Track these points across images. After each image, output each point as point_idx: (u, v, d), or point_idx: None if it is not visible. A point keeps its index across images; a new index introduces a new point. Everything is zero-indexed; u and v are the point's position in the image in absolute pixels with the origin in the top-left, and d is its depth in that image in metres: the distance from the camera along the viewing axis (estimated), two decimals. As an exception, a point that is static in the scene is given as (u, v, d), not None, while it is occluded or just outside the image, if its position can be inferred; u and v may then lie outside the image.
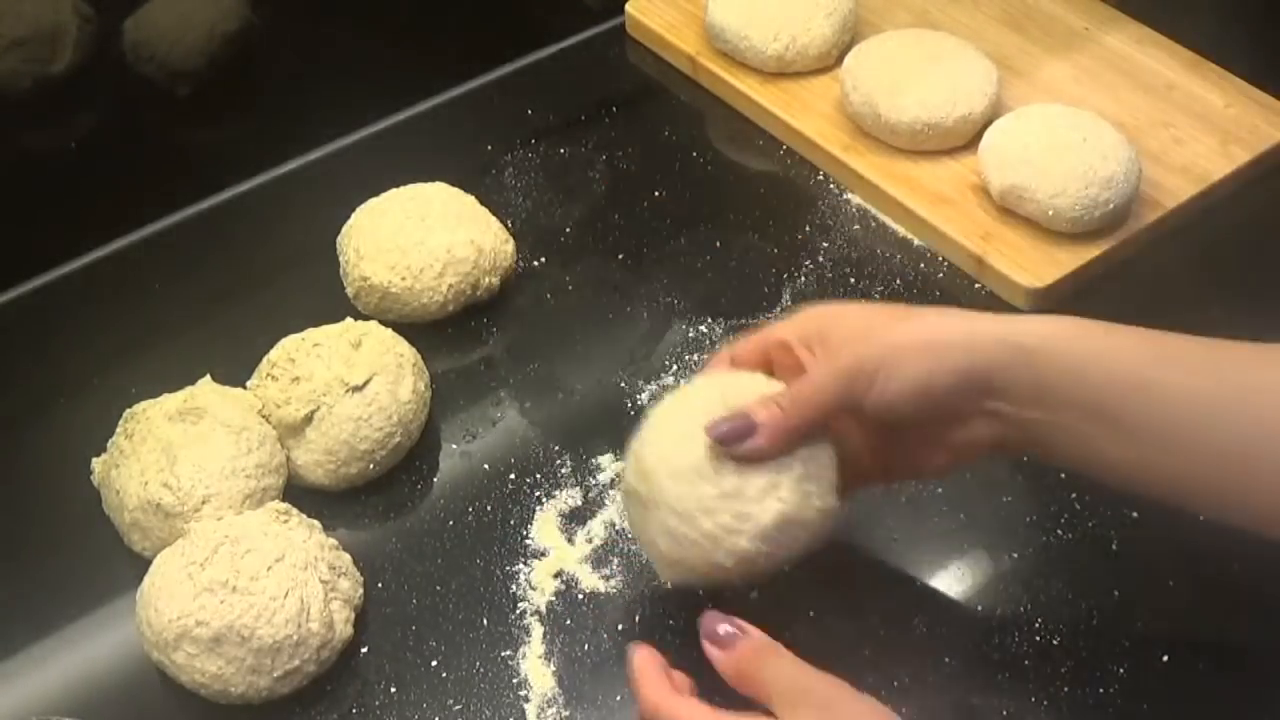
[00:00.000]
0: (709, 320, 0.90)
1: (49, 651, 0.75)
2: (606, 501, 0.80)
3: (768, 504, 0.65)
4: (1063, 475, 0.80)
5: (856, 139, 0.99)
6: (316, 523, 0.76)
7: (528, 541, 0.78)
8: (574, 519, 0.79)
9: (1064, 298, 0.90)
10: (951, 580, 0.77)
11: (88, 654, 0.76)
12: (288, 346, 0.82)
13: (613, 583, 0.76)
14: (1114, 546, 0.77)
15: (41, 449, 0.85)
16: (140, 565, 0.74)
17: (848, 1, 1.04)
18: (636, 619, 0.75)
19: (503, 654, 0.73)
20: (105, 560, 0.78)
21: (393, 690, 0.72)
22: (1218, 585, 0.76)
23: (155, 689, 0.72)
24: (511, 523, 0.79)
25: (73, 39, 0.93)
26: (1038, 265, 0.90)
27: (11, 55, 0.91)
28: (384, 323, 0.85)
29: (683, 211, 0.97)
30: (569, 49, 1.11)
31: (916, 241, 0.95)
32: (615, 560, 0.77)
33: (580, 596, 0.76)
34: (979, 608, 0.75)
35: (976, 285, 0.92)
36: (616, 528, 0.79)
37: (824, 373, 0.67)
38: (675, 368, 0.87)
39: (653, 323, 0.90)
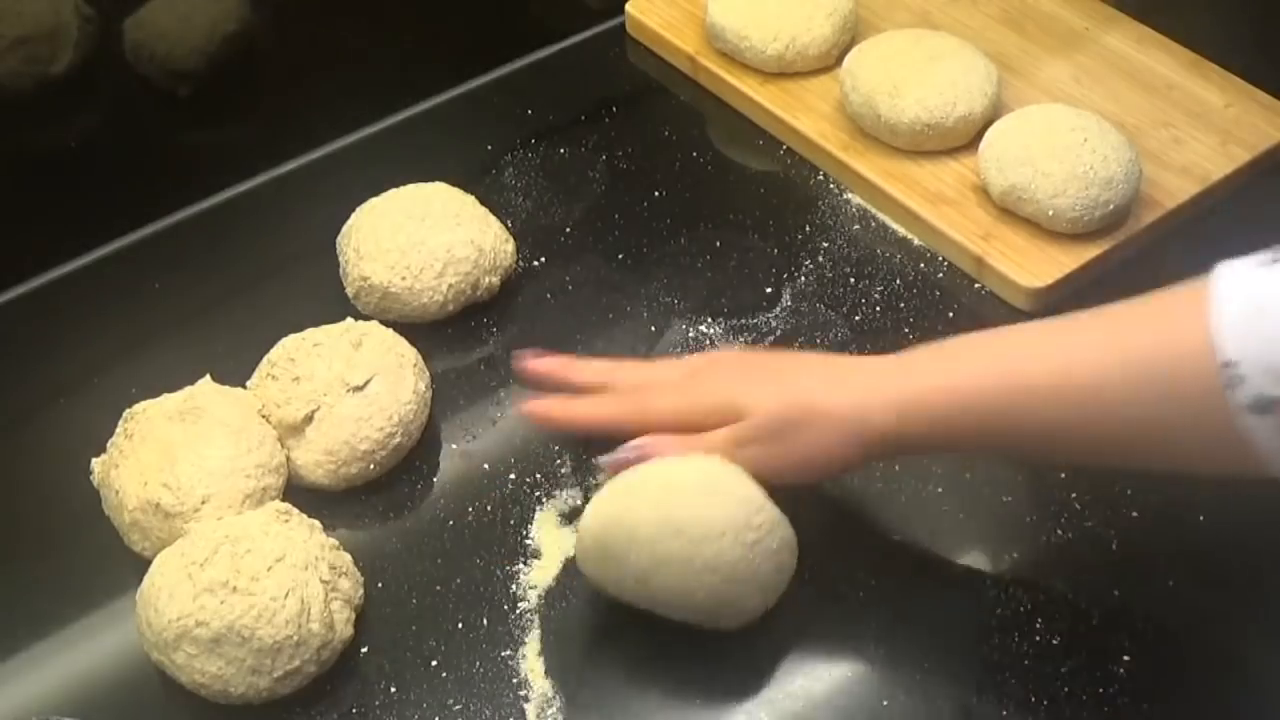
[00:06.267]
0: (709, 320, 0.90)
1: (49, 651, 0.75)
2: (606, 501, 0.80)
3: None
4: (1063, 475, 0.80)
5: (856, 139, 0.99)
6: (317, 523, 0.76)
7: (528, 541, 0.78)
8: (574, 519, 0.79)
9: (1064, 298, 0.90)
10: (952, 580, 0.77)
11: (88, 654, 0.76)
12: (288, 346, 0.82)
13: (613, 583, 0.76)
14: (1114, 546, 0.77)
15: (41, 449, 0.85)
16: (140, 565, 0.74)
17: (848, 1, 1.04)
18: (636, 618, 0.74)
19: (503, 654, 0.73)
20: (105, 560, 0.78)
21: (393, 690, 0.72)
22: (1218, 585, 0.76)
23: (155, 689, 0.72)
24: (511, 523, 0.79)
25: (73, 39, 0.93)
26: (1038, 265, 0.90)
27: (11, 55, 0.91)
28: (384, 323, 0.85)
29: (683, 211, 0.97)
30: (569, 49, 1.11)
31: (916, 241, 0.95)
32: (615, 560, 0.77)
33: (580, 596, 0.76)
34: (979, 608, 0.75)
35: (976, 285, 0.92)
36: (616, 528, 0.79)
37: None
38: (675, 368, 0.87)
39: (653, 323, 0.90)
